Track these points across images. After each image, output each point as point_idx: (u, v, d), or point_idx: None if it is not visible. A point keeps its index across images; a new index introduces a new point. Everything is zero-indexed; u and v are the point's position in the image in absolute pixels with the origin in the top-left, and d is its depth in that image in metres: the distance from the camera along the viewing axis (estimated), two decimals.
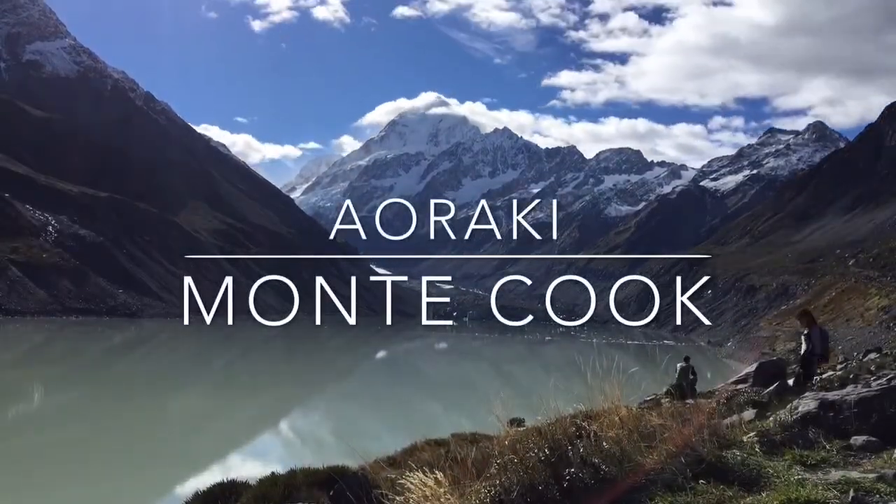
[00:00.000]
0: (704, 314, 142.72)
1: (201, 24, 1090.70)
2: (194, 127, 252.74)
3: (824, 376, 15.11)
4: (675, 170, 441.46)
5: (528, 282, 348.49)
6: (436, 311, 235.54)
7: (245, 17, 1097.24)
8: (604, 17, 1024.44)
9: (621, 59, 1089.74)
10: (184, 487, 16.85)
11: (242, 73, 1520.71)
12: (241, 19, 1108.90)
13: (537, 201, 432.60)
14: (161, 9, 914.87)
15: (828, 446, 4.61)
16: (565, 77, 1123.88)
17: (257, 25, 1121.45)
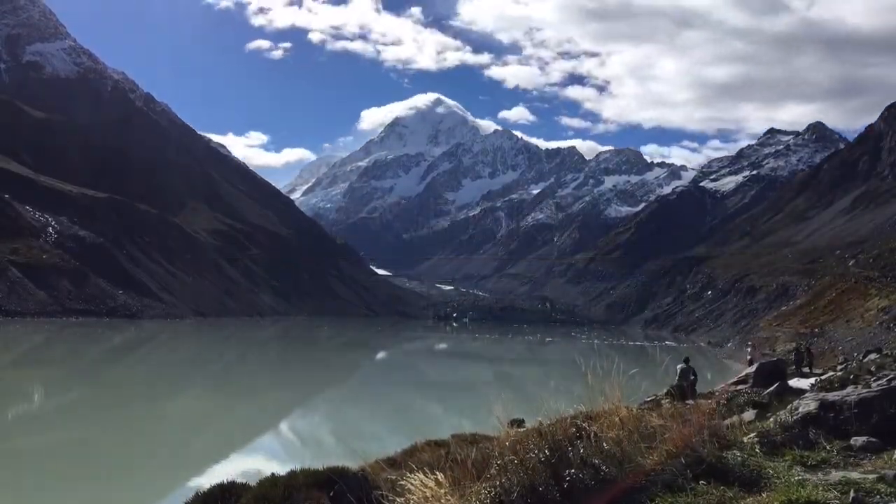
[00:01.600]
0: (705, 315, 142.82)
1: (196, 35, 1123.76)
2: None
3: (824, 377, 15.11)
4: (674, 170, 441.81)
5: (529, 283, 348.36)
6: (436, 311, 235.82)
7: (236, 29, 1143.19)
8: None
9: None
10: (183, 488, 16.84)
11: (236, 83, 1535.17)
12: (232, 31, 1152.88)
13: (537, 202, 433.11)
14: (156, 17, 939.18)
15: (828, 447, 4.62)
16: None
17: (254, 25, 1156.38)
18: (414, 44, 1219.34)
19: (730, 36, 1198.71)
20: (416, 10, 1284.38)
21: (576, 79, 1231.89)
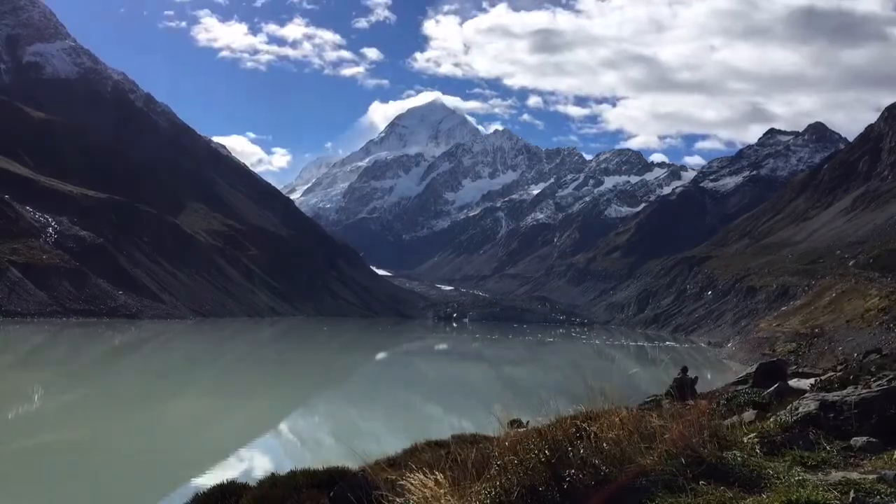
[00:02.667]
0: (705, 315, 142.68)
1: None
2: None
3: (824, 377, 15.11)
4: (674, 171, 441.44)
5: (529, 283, 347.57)
6: (436, 312, 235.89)
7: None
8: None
9: None
10: (183, 488, 16.85)
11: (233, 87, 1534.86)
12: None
13: (537, 203, 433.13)
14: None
15: (828, 447, 4.62)
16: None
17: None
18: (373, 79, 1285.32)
19: (637, 84, 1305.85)
20: (373, 52, 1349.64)
21: (524, 109, 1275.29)
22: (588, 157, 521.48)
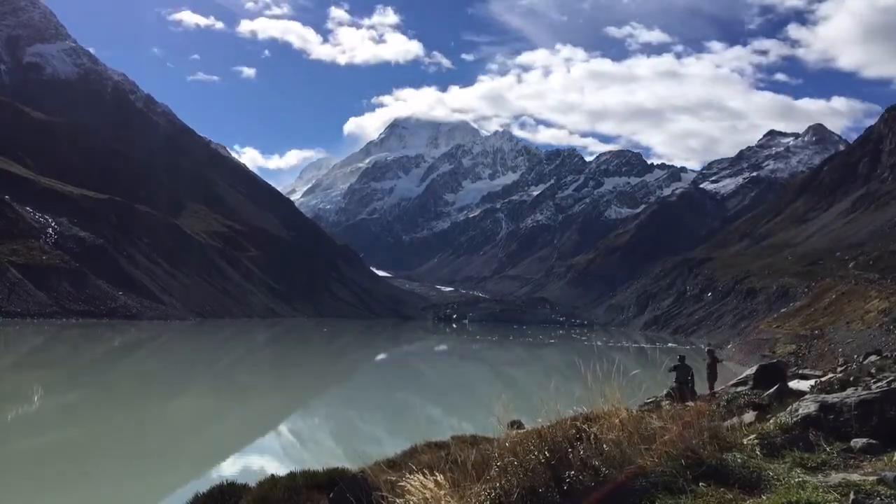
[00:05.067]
0: (705, 316, 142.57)
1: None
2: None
3: (824, 379, 15.09)
4: (674, 172, 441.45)
5: (529, 284, 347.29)
6: (436, 313, 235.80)
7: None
8: None
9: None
10: (183, 490, 16.82)
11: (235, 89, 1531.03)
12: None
13: (537, 204, 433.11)
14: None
15: (828, 449, 4.62)
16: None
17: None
18: None
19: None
20: None
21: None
22: (588, 158, 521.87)
